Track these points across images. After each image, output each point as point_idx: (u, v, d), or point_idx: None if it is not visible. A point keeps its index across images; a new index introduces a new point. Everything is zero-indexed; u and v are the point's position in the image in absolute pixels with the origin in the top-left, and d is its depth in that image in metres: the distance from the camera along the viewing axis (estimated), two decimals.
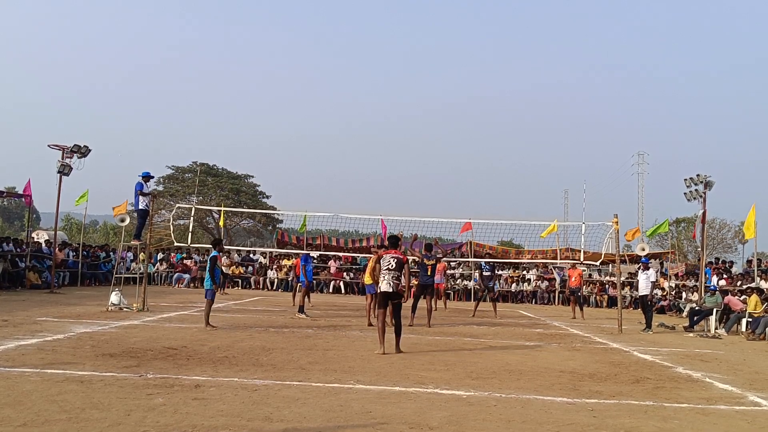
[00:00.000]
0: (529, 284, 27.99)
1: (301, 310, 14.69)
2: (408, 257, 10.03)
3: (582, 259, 19.93)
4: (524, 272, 29.26)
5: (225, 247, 30.65)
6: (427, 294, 14.25)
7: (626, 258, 27.12)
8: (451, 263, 27.56)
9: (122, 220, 16.61)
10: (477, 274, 25.78)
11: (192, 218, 23.38)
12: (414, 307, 14.08)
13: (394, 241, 10.07)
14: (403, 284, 9.47)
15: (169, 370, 7.09)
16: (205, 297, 11.84)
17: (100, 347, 8.54)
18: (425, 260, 14.21)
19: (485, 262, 19.81)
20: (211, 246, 13.30)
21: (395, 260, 9.41)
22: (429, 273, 14.19)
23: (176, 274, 27.70)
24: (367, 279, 13.32)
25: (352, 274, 28.29)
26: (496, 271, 22.04)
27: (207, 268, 12.14)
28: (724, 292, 18.15)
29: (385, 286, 9.35)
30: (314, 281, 21.10)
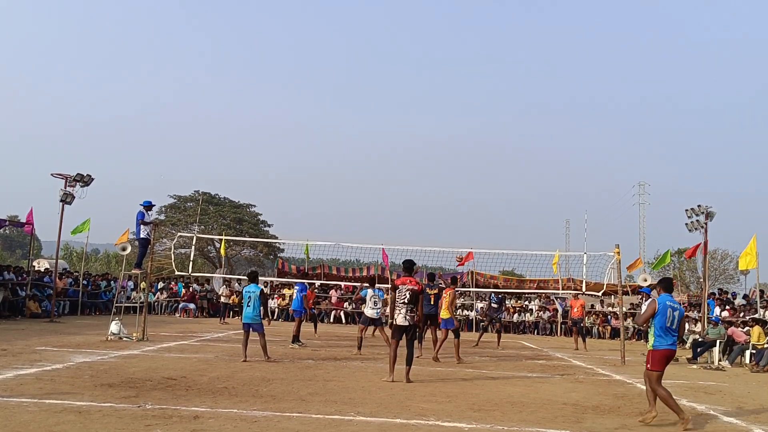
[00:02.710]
0: (531, 314, 27.83)
1: (295, 339, 14.78)
2: (421, 286, 9.92)
3: (584, 289, 19.86)
4: (526, 302, 29.12)
5: (226, 276, 30.76)
6: (432, 324, 14.20)
7: (628, 289, 27.01)
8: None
9: (123, 249, 16.63)
10: (483, 305, 25.82)
11: (193, 247, 23.38)
12: (420, 338, 14.06)
13: (409, 266, 9.83)
14: (418, 317, 9.41)
15: (168, 400, 7.04)
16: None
17: (99, 377, 8.49)
18: (427, 290, 14.18)
19: (494, 293, 19.79)
20: (249, 280, 12.54)
21: (410, 292, 9.33)
22: (432, 302, 14.16)
23: (181, 304, 27.54)
24: (444, 313, 13.22)
25: (353, 304, 28.15)
26: (505, 303, 22.03)
27: (259, 303, 11.75)
28: (727, 324, 18.04)
29: (401, 320, 9.30)
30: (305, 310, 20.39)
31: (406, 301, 9.30)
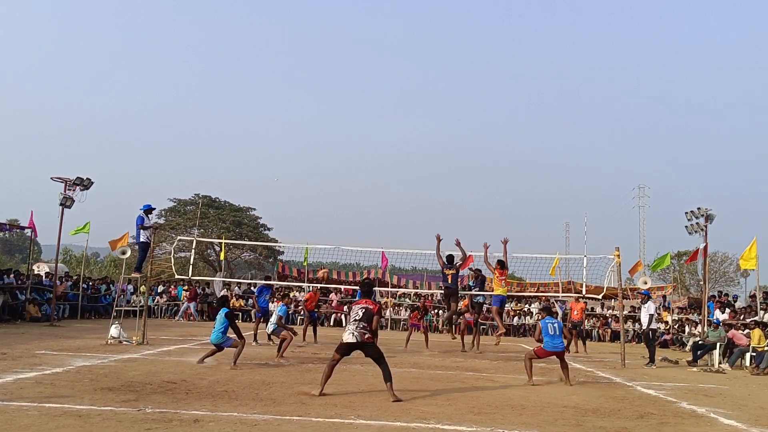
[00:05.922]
0: (531, 317, 27.82)
1: (254, 338, 16.26)
2: (378, 306, 9.54)
3: (584, 292, 19.83)
4: (527, 306, 29.10)
5: (226, 279, 30.78)
6: (452, 301, 15.27)
7: (629, 292, 27.02)
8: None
9: (123, 253, 16.64)
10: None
11: (193, 251, 23.34)
12: (450, 321, 15.96)
13: (367, 290, 9.53)
14: (370, 334, 8.76)
15: (168, 404, 7.04)
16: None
17: (98, 381, 8.49)
18: (445, 269, 15.27)
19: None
20: (221, 303, 11.99)
21: (363, 311, 8.88)
22: (450, 281, 15.17)
23: (184, 305, 27.50)
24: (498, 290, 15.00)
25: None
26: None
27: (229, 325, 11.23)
28: (728, 326, 18.03)
29: (348, 336, 8.74)
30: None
31: (357, 318, 8.85)
